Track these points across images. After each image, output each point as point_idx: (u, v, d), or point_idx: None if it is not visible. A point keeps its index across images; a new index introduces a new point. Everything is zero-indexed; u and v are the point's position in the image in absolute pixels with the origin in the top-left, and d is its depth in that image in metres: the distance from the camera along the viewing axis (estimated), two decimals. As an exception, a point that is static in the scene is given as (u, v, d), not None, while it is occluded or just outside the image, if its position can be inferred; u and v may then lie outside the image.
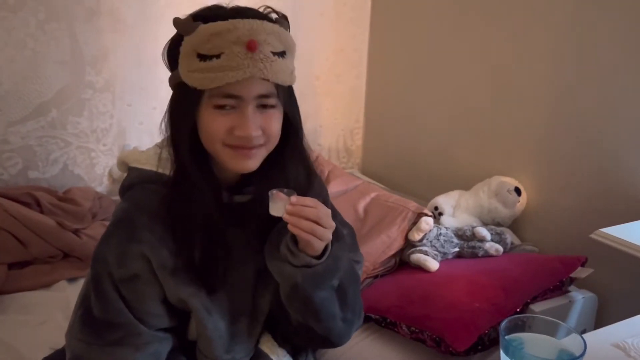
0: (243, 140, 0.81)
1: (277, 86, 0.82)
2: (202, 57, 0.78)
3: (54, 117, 1.88)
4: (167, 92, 0.89)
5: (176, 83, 0.83)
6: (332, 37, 2.37)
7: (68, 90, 1.88)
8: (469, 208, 1.82)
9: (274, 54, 0.79)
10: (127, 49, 1.94)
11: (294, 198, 0.79)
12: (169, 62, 0.86)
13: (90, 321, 0.84)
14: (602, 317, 1.54)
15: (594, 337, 0.96)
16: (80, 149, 1.96)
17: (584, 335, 0.73)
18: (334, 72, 2.43)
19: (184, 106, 0.82)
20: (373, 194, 1.86)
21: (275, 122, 0.83)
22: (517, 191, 1.77)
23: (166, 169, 0.87)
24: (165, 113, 0.88)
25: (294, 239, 0.83)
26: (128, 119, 2.01)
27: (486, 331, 1.32)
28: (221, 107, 0.80)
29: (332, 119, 2.49)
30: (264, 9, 0.86)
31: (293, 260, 0.83)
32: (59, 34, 1.82)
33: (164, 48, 0.87)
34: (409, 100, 2.29)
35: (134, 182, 0.89)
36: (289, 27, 0.86)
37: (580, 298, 1.49)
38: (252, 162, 0.84)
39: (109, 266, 0.84)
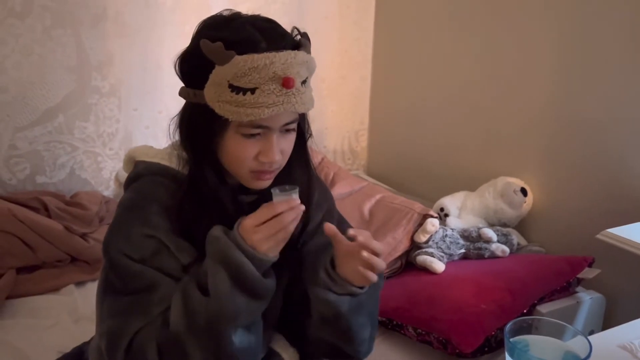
0: (266, 165, 0.83)
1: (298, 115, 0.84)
2: (235, 89, 0.77)
3: (61, 122, 1.89)
4: (172, 97, 0.89)
5: (198, 103, 0.81)
6: (336, 40, 2.38)
7: (74, 96, 1.90)
8: (475, 209, 1.82)
9: (302, 83, 0.81)
10: (133, 54, 1.96)
11: (296, 195, 0.81)
12: (187, 76, 0.84)
13: (119, 298, 0.84)
14: (610, 318, 1.54)
15: (600, 339, 0.95)
16: (87, 154, 1.97)
17: (590, 337, 0.73)
18: (339, 74, 2.43)
19: (208, 129, 0.82)
20: (378, 196, 1.86)
21: (292, 142, 0.86)
22: (523, 192, 1.77)
23: (174, 164, 0.88)
24: (177, 120, 0.87)
25: (332, 263, 0.85)
26: (134, 123, 2.02)
27: (493, 333, 1.32)
28: (248, 134, 0.81)
29: (337, 121, 2.49)
30: (292, 30, 0.86)
31: (335, 288, 0.84)
32: (65, 39, 1.84)
33: (180, 59, 0.84)
34: (414, 101, 2.29)
35: (141, 173, 0.89)
36: (310, 46, 0.87)
37: (587, 299, 1.48)
38: (268, 182, 0.86)
39: (125, 250, 0.83)
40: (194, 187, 0.85)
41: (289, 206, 0.79)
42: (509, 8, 1.84)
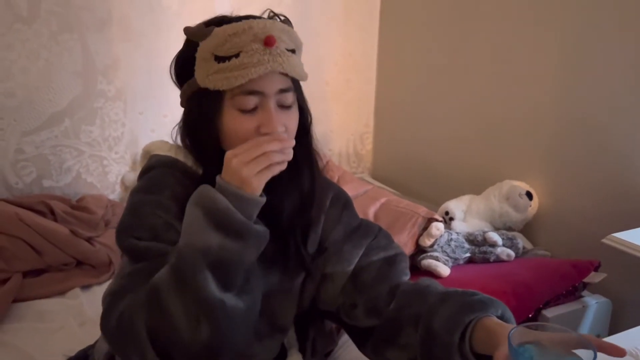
0: None
1: (293, 82, 0.83)
2: (220, 59, 0.78)
3: (67, 126, 1.91)
4: (178, 100, 0.90)
5: (192, 92, 0.83)
6: (341, 43, 2.38)
7: (80, 100, 1.91)
8: (480, 213, 1.81)
9: (287, 50, 0.81)
10: (138, 58, 1.97)
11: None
12: (179, 75, 0.86)
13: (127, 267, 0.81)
14: (616, 323, 1.53)
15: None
16: (92, 158, 1.98)
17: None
18: (344, 77, 2.43)
19: (206, 112, 0.81)
20: (383, 199, 1.85)
21: (294, 120, 0.84)
22: (529, 195, 1.76)
23: (187, 160, 0.88)
24: (178, 123, 0.89)
25: (464, 334, 0.76)
26: (140, 127, 2.03)
27: (498, 337, 1.31)
28: (244, 110, 0.80)
29: (342, 124, 2.49)
30: (269, 13, 0.87)
31: None
32: (71, 44, 1.85)
33: (172, 64, 0.87)
34: (419, 105, 2.29)
35: (154, 165, 0.89)
36: (291, 26, 0.88)
37: (593, 303, 1.47)
38: (281, 167, 0.82)
39: (135, 232, 0.81)
40: (206, 181, 0.83)
41: (273, 138, 0.76)
42: (513, 11, 1.83)
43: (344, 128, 2.50)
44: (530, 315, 1.38)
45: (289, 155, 0.77)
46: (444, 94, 2.14)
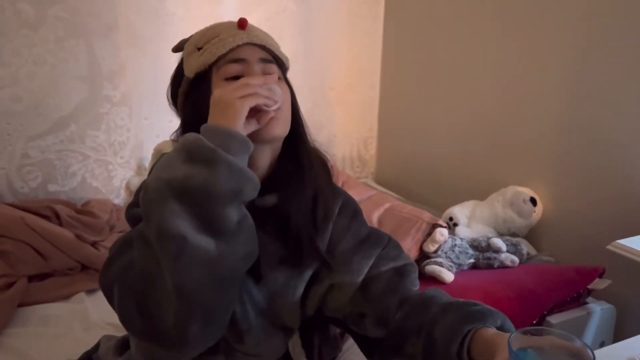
0: None
1: (276, 59, 0.87)
2: (201, 48, 0.85)
3: (73, 131, 1.92)
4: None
5: (185, 91, 0.88)
6: (345, 48, 2.39)
7: (86, 105, 1.92)
8: (484, 218, 1.81)
9: (263, 46, 0.87)
10: (144, 63, 1.98)
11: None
12: (174, 91, 0.91)
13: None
14: (621, 330, 1.52)
15: (609, 352, 0.94)
16: (98, 162, 1.99)
17: (600, 350, 0.73)
18: (348, 82, 2.44)
19: (199, 96, 0.84)
20: (387, 205, 1.85)
21: (283, 87, 0.84)
22: (533, 201, 1.76)
23: None
24: (176, 131, 0.90)
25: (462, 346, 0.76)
26: (145, 132, 2.04)
27: (502, 344, 1.31)
28: (230, 77, 0.83)
29: (346, 129, 2.50)
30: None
31: None
32: (77, 49, 1.86)
33: (168, 88, 0.92)
34: (423, 110, 2.29)
35: None
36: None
37: (598, 310, 1.47)
38: (278, 124, 0.82)
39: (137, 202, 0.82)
40: None
41: (262, 81, 0.78)
42: (519, 16, 1.83)
43: (347, 133, 2.51)
44: (534, 322, 1.38)
45: (275, 96, 0.77)
46: (448, 99, 2.15)
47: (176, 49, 0.92)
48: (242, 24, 0.86)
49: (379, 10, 2.42)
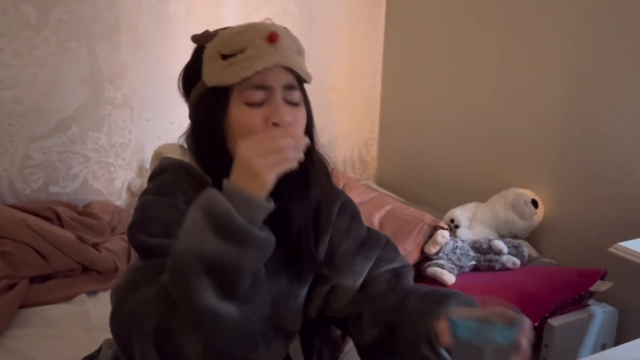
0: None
1: (299, 82, 0.85)
2: (227, 56, 0.81)
3: (74, 132, 1.92)
4: (184, 108, 0.91)
5: (200, 94, 0.84)
6: (346, 49, 2.39)
7: (88, 107, 1.93)
8: (486, 220, 1.81)
9: (293, 51, 0.84)
10: (146, 65, 1.98)
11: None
12: (187, 83, 0.88)
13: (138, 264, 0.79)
14: (623, 332, 1.52)
15: (611, 354, 0.94)
16: (99, 164, 1.99)
17: (603, 353, 0.72)
18: (349, 83, 2.44)
19: (214, 109, 0.82)
20: (388, 207, 1.85)
21: (302, 117, 0.85)
22: (534, 203, 1.76)
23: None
24: (185, 132, 0.90)
25: (432, 332, 0.79)
26: (146, 133, 2.04)
27: (504, 346, 1.31)
28: (252, 103, 0.81)
29: (347, 131, 2.50)
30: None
31: None
32: (79, 51, 1.86)
33: (180, 75, 0.89)
34: (424, 111, 2.29)
35: (166, 168, 0.89)
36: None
37: (599, 312, 1.46)
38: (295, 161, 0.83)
39: (146, 229, 0.80)
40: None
41: (287, 133, 0.73)
42: (520, 18, 1.83)
43: (349, 134, 2.51)
44: (536, 324, 1.37)
45: (301, 153, 0.73)
46: (450, 100, 2.14)
47: (197, 40, 0.86)
48: (272, 37, 0.81)
49: (380, 11, 2.42)
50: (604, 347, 1.49)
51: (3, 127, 1.81)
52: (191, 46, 0.88)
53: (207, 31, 0.85)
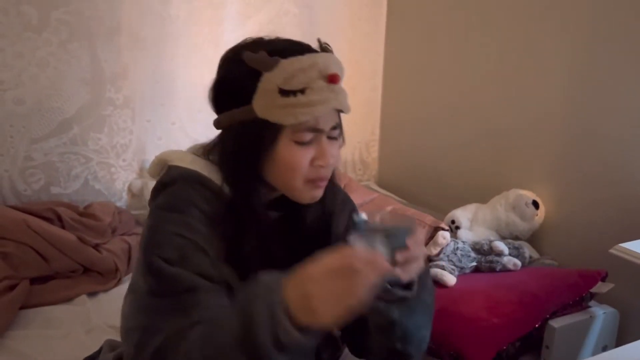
0: (322, 171, 0.84)
1: (339, 117, 0.86)
2: (286, 93, 0.79)
3: (76, 133, 1.92)
4: (185, 108, 0.91)
5: (246, 120, 0.82)
6: (347, 51, 2.39)
7: (89, 107, 1.93)
8: (487, 221, 1.81)
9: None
10: (147, 66, 1.98)
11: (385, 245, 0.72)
12: (228, 97, 0.84)
13: (156, 299, 0.77)
14: (624, 333, 1.52)
15: (612, 356, 0.94)
16: (100, 165, 2.00)
17: (603, 354, 0.72)
18: (350, 85, 2.40)
19: (261, 141, 0.81)
20: (389, 208, 1.85)
21: (338, 149, 0.87)
22: (535, 204, 1.76)
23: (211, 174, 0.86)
24: (213, 141, 0.88)
25: None
26: (147, 134, 2.05)
27: (504, 347, 1.31)
28: (302, 143, 0.82)
29: (348, 132, 2.45)
30: (319, 41, 0.88)
31: (384, 296, 0.82)
32: (80, 52, 1.87)
33: (217, 84, 0.85)
34: (425, 112, 2.29)
35: (176, 179, 0.86)
36: None
37: (601, 313, 1.46)
38: (321, 192, 0.86)
39: (162, 253, 0.79)
40: (237, 207, 0.84)
41: (374, 265, 0.65)
42: (521, 20, 1.84)
43: (349, 135, 2.47)
44: (537, 325, 1.37)
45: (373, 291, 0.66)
46: (451, 101, 2.14)
47: (253, 62, 0.80)
48: (333, 79, 0.81)
49: (380, 12, 2.43)
50: (604, 349, 1.49)
51: (4, 127, 1.81)
52: (192, 47, 0.87)
53: (263, 54, 0.80)
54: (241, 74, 0.82)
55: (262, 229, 0.85)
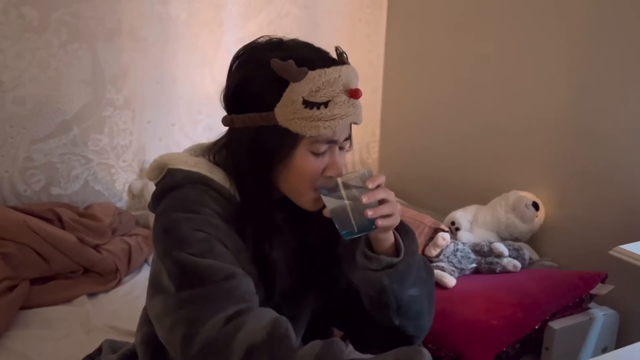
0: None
1: (351, 128, 0.89)
2: (310, 105, 0.80)
3: (76, 134, 1.92)
4: (185, 109, 0.91)
5: (264, 126, 0.82)
6: (347, 52, 2.38)
7: (89, 108, 1.93)
8: (487, 223, 1.81)
9: None
10: (147, 67, 1.99)
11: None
12: (249, 101, 0.83)
13: (192, 292, 0.77)
14: (624, 335, 1.51)
15: (612, 358, 0.94)
16: (100, 166, 2.00)
17: (604, 356, 0.72)
18: (350, 86, 2.44)
19: (279, 149, 0.82)
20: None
21: (345, 160, 0.89)
22: (535, 206, 1.76)
23: (214, 175, 0.86)
24: (222, 141, 0.89)
25: (369, 245, 0.86)
26: (147, 135, 2.05)
27: (504, 349, 1.31)
28: (317, 153, 0.84)
29: (348, 133, 2.50)
30: (337, 49, 0.89)
31: (373, 265, 0.85)
32: (80, 53, 1.87)
33: (237, 86, 0.84)
34: (425, 114, 2.29)
35: (181, 183, 0.85)
36: None
37: (600, 315, 1.46)
38: None
39: (188, 249, 0.79)
40: (248, 208, 0.85)
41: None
42: (521, 21, 1.84)
43: (350, 137, 2.51)
44: (536, 327, 1.37)
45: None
46: (451, 103, 2.15)
47: (282, 71, 0.79)
48: (355, 94, 0.83)
49: (381, 14, 2.43)
50: (604, 351, 1.49)
51: (5, 128, 1.82)
52: (192, 48, 0.87)
53: (291, 63, 0.79)
54: (267, 79, 0.81)
55: (273, 229, 0.87)
